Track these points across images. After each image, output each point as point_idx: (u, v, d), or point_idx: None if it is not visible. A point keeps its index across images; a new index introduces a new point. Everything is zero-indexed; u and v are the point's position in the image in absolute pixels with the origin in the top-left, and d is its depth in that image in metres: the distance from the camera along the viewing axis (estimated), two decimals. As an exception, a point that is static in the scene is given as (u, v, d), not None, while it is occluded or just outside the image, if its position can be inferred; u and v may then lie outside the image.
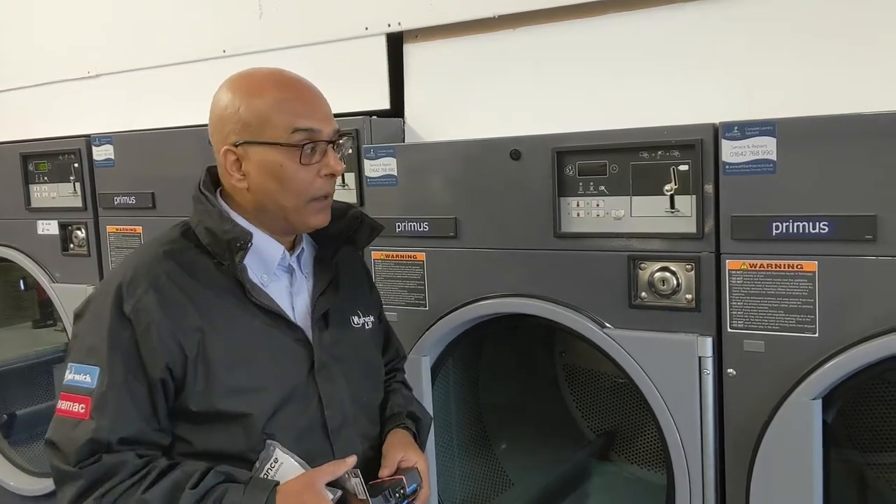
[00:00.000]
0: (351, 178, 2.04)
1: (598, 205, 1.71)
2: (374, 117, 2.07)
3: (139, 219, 2.49)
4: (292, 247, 1.38)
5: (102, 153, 2.55)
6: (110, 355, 1.21)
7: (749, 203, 1.53)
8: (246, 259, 1.28)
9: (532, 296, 1.79)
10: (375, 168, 1.98)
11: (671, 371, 1.62)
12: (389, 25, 2.12)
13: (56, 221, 2.69)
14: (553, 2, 1.87)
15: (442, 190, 1.90)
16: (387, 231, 1.95)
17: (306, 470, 1.25)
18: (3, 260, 2.86)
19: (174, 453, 1.26)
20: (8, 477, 2.99)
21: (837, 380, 1.48)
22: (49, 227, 2.71)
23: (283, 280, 1.36)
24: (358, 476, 1.26)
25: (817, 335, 1.49)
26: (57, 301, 2.69)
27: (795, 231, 1.49)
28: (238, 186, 1.30)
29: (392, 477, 1.34)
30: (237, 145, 1.27)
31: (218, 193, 1.34)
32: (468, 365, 2.23)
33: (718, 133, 1.55)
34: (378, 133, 2.06)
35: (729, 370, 1.58)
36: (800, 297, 1.50)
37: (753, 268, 1.54)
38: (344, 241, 1.43)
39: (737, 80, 1.71)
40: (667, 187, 1.62)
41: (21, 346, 3.25)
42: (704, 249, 1.60)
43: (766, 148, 1.50)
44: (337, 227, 1.40)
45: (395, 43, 2.14)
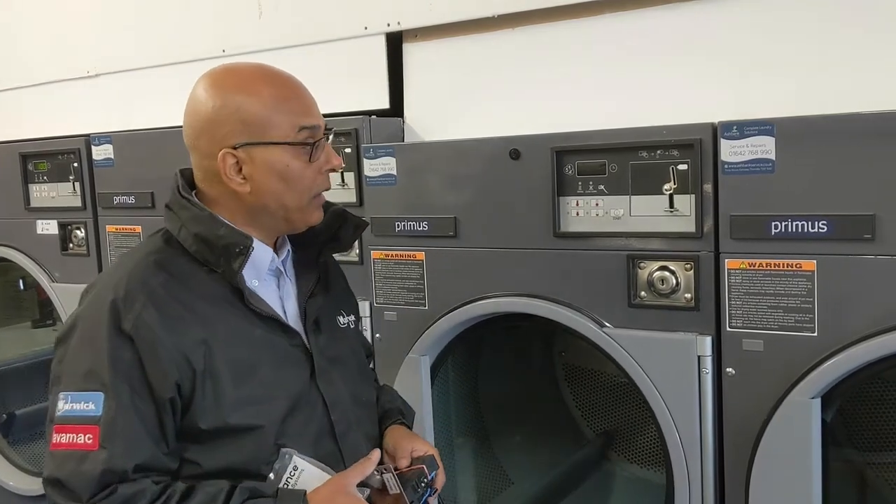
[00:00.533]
0: (350, 178, 2.04)
1: (598, 204, 1.71)
2: (374, 117, 2.07)
3: (139, 218, 2.49)
4: (275, 249, 1.33)
5: (102, 153, 2.55)
6: (114, 378, 1.13)
7: (748, 202, 1.53)
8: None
9: (531, 295, 1.79)
10: (375, 167, 1.98)
11: (670, 370, 1.62)
12: (389, 25, 2.12)
13: (55, 221, 2.69)
14: (552, 1, 1.87)
15: (441, 189, 1.91)
16: (386, 230, 1.96)
17: (328, 474, 1.22)
18: (3, 260, 2.86)
19: (181, 477, 1.19)
20: (7, 477, 2.99)
21: (836, 379, 1.48)
22: (48, 227, 2.71)
23: (272, 284, 1.31)
24: (390, 471, 1.26)
25: (816, 334, 1.49)
26: (56, 301, 2.69)
27: (794, 230, 1.49)
28: (239, 191, 1.23)
29: (412, 468, 1.34)
30: (237, 147, 1.21)
31: (193, 196, 1.27)
32: (467, 364, 2.23)
33: (717, 132, 1.55)
34: (377, 132, 2.06)
35: (728, 369, 1.58)
36: (799, 297, 1.50)
37: (752, 267, 1.54)
38: (327, 241, 1.39)
39: (736, 80, 1.71)
40: (666, 187, 1.62)
41: (20, 346, 3.25)
42: (703, 249, 1.60)
43: (765, 147, 1.50)
44: (320, 226, 1.35)
45: (395, 42, 2.14)
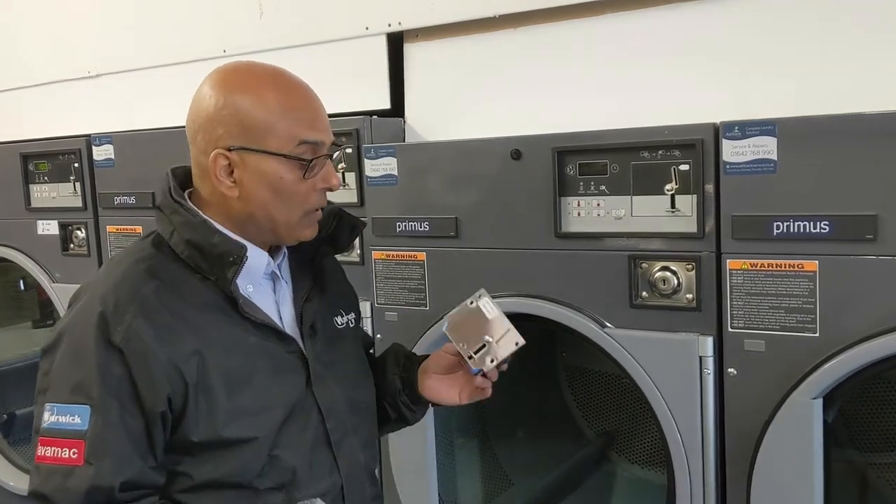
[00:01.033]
0: (351, 178, 2.04)
1: (599, 204, 1.71)
2: (375, 117, 2.07)
3: (139, 219, 2.49)
4: (272, 251, 1.28)
5: (102, 153, 2.55)
6: (102, 392, 1.09)
7: (750, 203, 1.53)
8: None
9: (533, 295, 1.79)
10: (376, 168, 1.98)
11: (672, 371, 1.62)
12: (390, 25, 2.12)
13: (56, 221, 2.69)
14: (553, 2, 1.87)
15: (442, 190, 1.90)
16: (387, 231, 1.96)
17: None
18: (3, 260, 2.85)
19: (172, 490, 1.16)
20: (7, 477, 2.99)
21: (838, 379, 1.48)
22: (49, 227, 2.71)
23: (268, 289, 1.27)
24: (486, 296, 1.25)
25: (818, 335, 1.49)
26: (57, 301, 2.69)
27: (796, 231, 1.49)
28: (227, 194, 1.18)
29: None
30: (231, 150, 1.16)
31: (187, 198, 1.23)
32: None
33: (719, 133, 1.55)
34: (378, 133, 2.06)
35: (729, 370, 1.58)
36: (800, 297, 1.50)
37: (754, 267, 1.54)
38: (322, 242, 1.33)
39: (738, 80, 1.71)
40: (667, 187, 1.62)
41: (21, 346, 3.25)
42: (705, 249, 1.60)
43: (767, 147, 1.50)
44: None
45: (396, 43, 2.14)
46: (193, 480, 1.15)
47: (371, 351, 1.56)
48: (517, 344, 1.31)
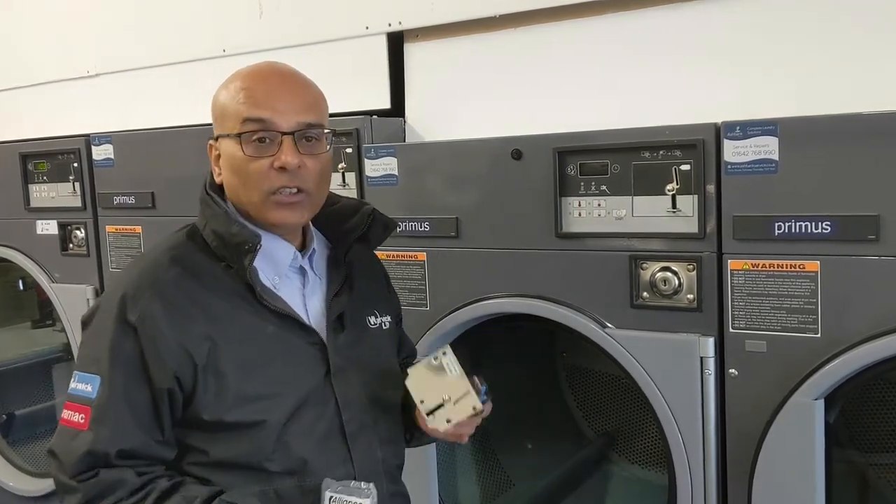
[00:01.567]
0: (351, 178, 2.03)
1: (600, 204, 1.71)
2: (375, 117, 2.07)
3: (139, 219, 2.48)
4: (303, 247, 1.35)
5: (102, 153, 2.54)
6: (112, 365, 1.18)
7: (751, 203, 1.53)
8: (256, 261, 1.24)
9: (533, 296, 1.78)
10: (376, 168, 1.97)
11: (673, 371, 1.62)
12: (390, 25, 2.11)
13: (55, 221, 2.68)
14: (554, 1, 1.87)
15: (443, 190, 1.90)
16: (387, 231, 1.96)
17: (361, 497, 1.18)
18: (3, 260, 2.85)
19: (186, 463, 1.22)
20: (7, 477, 2.98)
21: (839, 380, 1.47)
22: (48, 227, 2.70)
23: (296, 282, 1.33)
24: (449, 353, 1.23)
25: (819, 335, 1.49)
26: (56, 301, 2.69)
27: (797, 231, 1.49)
28: (218, 181, 1.29)
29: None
30: (214, 139, 1.28)
31: (215, 194, 1.31)
32: (469, 365, 2.22)
33: (720, 133, 1.54)
34: (378, 133, 2.06)
35: (731, 370, 1.58)
36: (802, 298, 1.50)
37: (755, 268, 1.54)
38: (356, 240, 1.40)
39: (739, 80, 1.70)
40: (668, 187, 1.61)
41: (20, 346, 3.24)
42: (706, 249, 1.59)
43: (768, 148, 1.50)
44: (349, 225, 1.38)
45: (396, 42, 2.14)
46: (209, 457, 1.21)
47: (407, 357, 1.58)
48: (474, 409, 1.28)
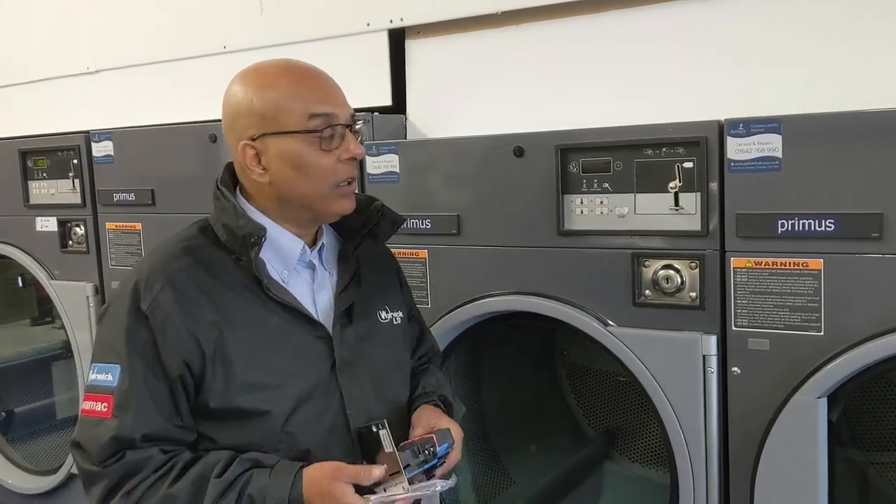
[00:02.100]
0: (353, 175, 2.03)
1: (602, 202, 1.70)
2: (376, 114, 2.07)
3: (138, 215, 2.47)
4: (314, 241, 1.37)
5: (101, 149, 2.53)
6: (129, 353, 1.21)
7: (754, 200, 1.52)
8: (264, 254, 1.27)
9: (535, 294, 1.78)
10: (377, 165, 1.97)
11: (675, 369, 1.61)
12: (391, 21, 2.11)
13: (55, 218, 2.67)
14: (556, -2, 1.87)
15: (444, 187, 1.90)
16: (389, 228, 1.95)
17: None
18: (2, 257, 2.84)
19: (198, 450, 1.25)
20: (6, 475, 2.98)
21: (842, 378, 1.47)
22: (48, 224, 2.69)
23: (305, 276, 1.34)
24: (385, 428, 1.22)
25: (822, 333, 1.48)
26: (56, 298, 2.68)
27: (801, 229, 1.48)
28: (260, 181, 1.28)
29: (422, 435, 1.28)
30: (254, 139, 1.26)
31: (237, 190, 1.33)
32: (470, 363, 2.23)
33: (724, 130, 1.54)
34: (380, 129, 2.05)
35: (733, 369, 1.57)
36: (805, 296, 1.49)
37: (758, 266, 1.53)
38: (365, 235, 1.41)
39: (742, 77, 1.70)
40: (671, 185, 1.61)
41: (19, 344, 3.23)
42: (709, 247, 1.59)
43: (772, 145, 1.49)
44: (358, 220, 1.39)
45: (398, 39, 2.14)
46: (217, 445, 1.24)
47: (422, 356, 1.58)
48: (403, 488, 1.19)
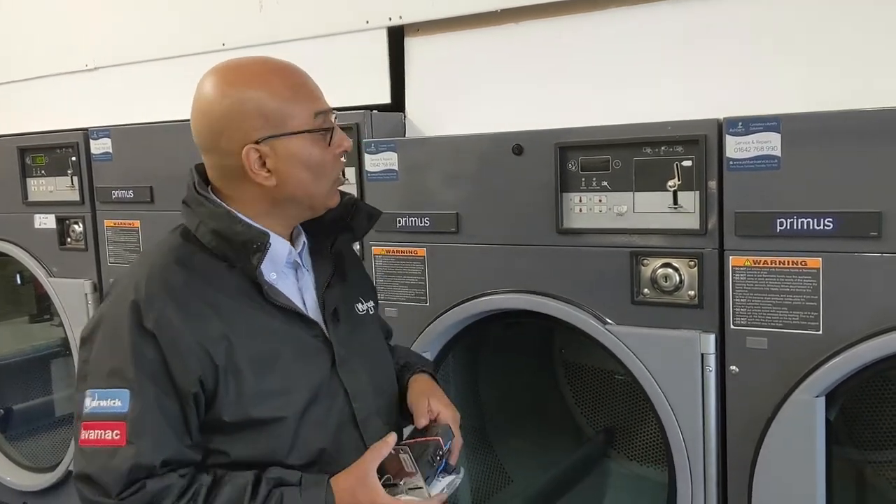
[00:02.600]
0: (351, 173, 2.02)
1: (601, 200, 1.70)
2: (375, 111, 2.06)
3: (137, 213, 2.47)
4: (292, 241, 1.34)
5: (100, 147, 2.53)
6: (138, 375, 1.15)
7: (753, 199, 1.52)
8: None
9: (534, 292, 1.78)
10: (376, 162, 1.97)
11: (673, 368, 1.61)
12: (390, 19, 2.11)
13: (53, 215, 2.67)
14: (555, -4, 1.87)
15: (443, 185, 1.89)
16: (387, 226, 1.95)
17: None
18: (0, 254, 2.84)
19: (209, 466, 1.22)
20: (5, 472, 2.98)
21: (841, 377, 1.47)
22: (46, 221, 2.69)
23: (290, 277, 1.33)
24: (407, 452, 1.27)
25: (821, 332, 1.48)
26: (54, 295, 2.68)
27: (799, 228, 1.48)
28: (266, 184, 1.24)
29: (428, 438, 1.34)
30: (259, 142, 1.21)
31: (210, 193, 1.28)
32: (468, 361, 2.23)
33: (722, 129, 1.54)
34: (379, 127, 2.05)
35: (732, 367, 1.57)
36: (803, 294, 1.49)
37: (757, 264, 1.53)
38: (340, 230, 1.39)
39: (741, 76, 1.70)
40: (670, 183, 1.61)
41: (17, 341, 3.24)
42: (707, 246, 1.59)
43: (771, 144, 1.49)
44: (332, 216, 1.37)
45: (396, 37, 2.13)
46: (230, 458, 1.22)
47: (388, 340, 1.60)
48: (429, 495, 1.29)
